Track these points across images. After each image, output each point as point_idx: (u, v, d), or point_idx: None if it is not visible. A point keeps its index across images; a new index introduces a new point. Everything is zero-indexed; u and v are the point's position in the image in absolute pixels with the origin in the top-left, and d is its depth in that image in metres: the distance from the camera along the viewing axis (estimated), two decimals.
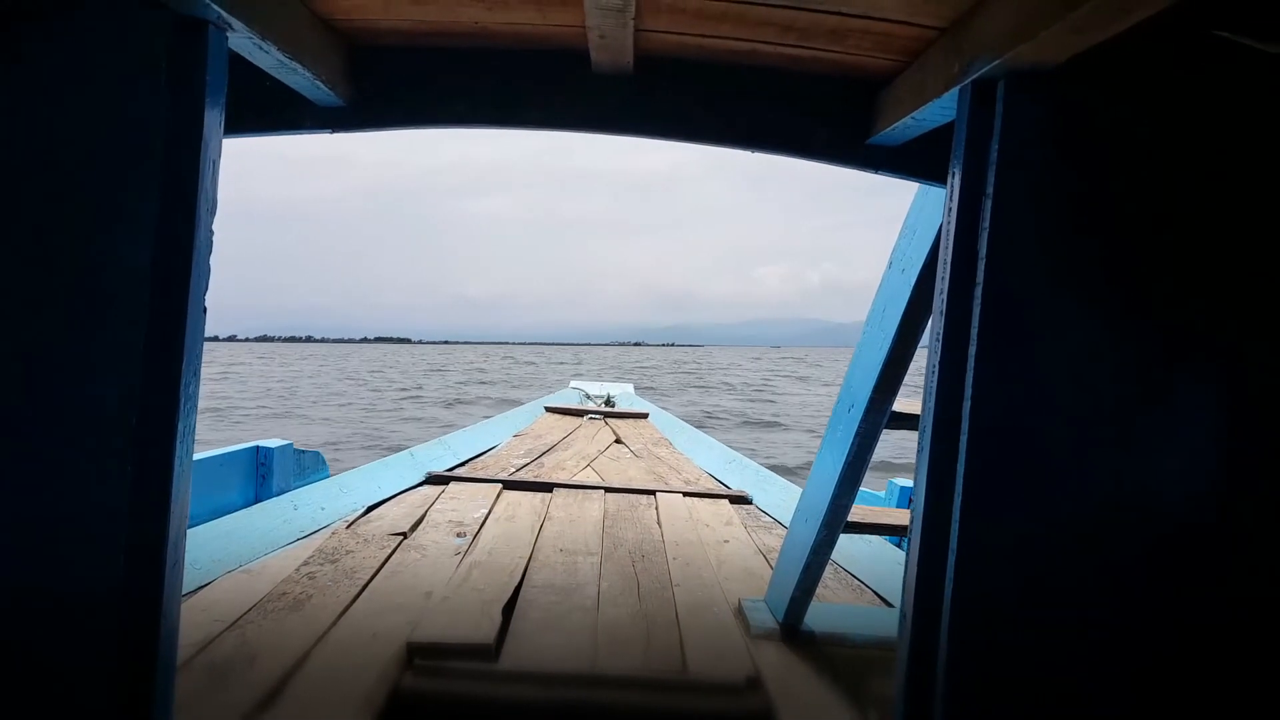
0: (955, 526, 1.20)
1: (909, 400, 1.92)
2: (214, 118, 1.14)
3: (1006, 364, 1.20)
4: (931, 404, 1.24)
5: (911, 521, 1.29)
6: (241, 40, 1.20)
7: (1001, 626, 1.21)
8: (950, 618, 1.20)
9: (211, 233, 1.16)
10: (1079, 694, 1.22)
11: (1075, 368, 1.20)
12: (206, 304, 1.17)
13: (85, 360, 1.07)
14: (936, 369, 1.24)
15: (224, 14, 1.09)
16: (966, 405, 1.20)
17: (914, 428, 1.37)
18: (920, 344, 1.74)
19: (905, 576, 1.30)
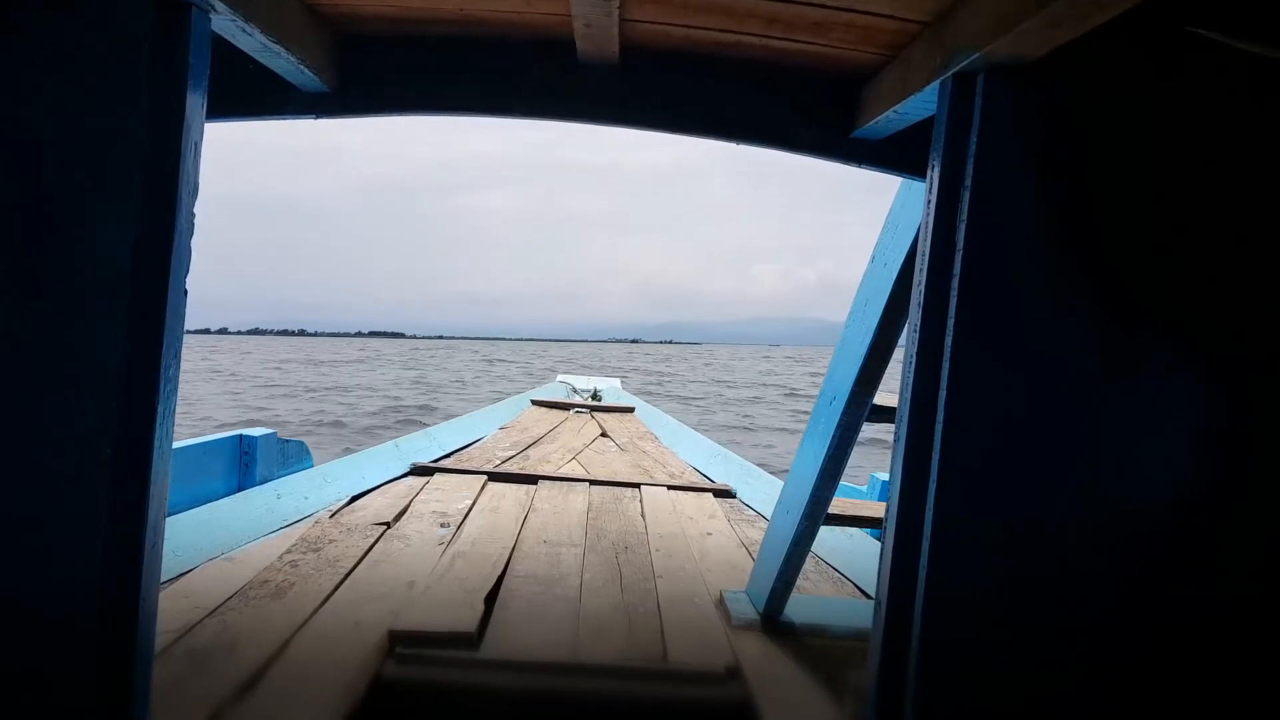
0: (929, 517, 1.22)
1: (891, 394, 1.94)
2: (196, 100, 1.13)
3: (982, 356, 1.21)
4: (908, 396, 1.26)
5: (887, 512, 1.31)
6: (224, 22, 1.19)
7: (974, 618, 1.22)
8: (923, 608, 1.22)
9: (193, 216, 1.16)
10: (1050, 687, 1.23)
11: (1052, 360, 1.21)
12: (188, 288, 1.16)
13: (64, 341, 1.07)
14: (913, 361, 1.25)
15: None
16: (942, 397, 1.21)
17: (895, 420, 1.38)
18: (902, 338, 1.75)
19: (880, 566, 1.32)
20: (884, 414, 1.91)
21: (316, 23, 1.53)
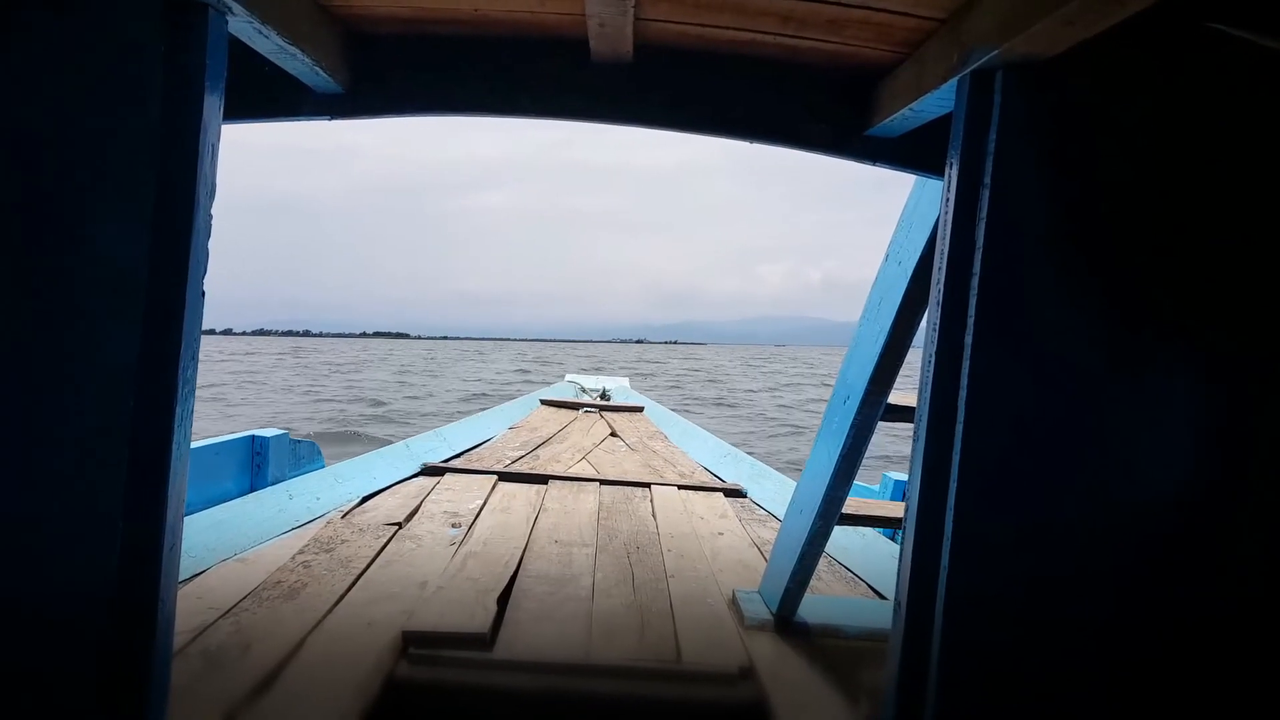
0: (950, 518, 1.21)
1: (904, 393, 1.93)
2: (213, 102, 1.13)
3: (1003, 355, 1.20)
4: (927, 395, 1.25)
5: (906, 513, 1.30)
6: (241, 24, 1.20)
7: (994, 619, 1.22)
8: (944, 609, 1.21)
9: (210, 217, 1.16)
10: (1063, 688, 1.23)
11: (1072, 360, 1.21)
12: (205, 290, 1.16)
13: (65, 341, 1.07)
14: (933, 360, 1.24)
15: None
16: (962, 396, 1.20)
17: (909, 420, 1.37)
18: (916, 338, 1.74)
19: (899, 568, 1.31)
20: (898, 413, 1.90)
21: (330, 24, 1.53)
